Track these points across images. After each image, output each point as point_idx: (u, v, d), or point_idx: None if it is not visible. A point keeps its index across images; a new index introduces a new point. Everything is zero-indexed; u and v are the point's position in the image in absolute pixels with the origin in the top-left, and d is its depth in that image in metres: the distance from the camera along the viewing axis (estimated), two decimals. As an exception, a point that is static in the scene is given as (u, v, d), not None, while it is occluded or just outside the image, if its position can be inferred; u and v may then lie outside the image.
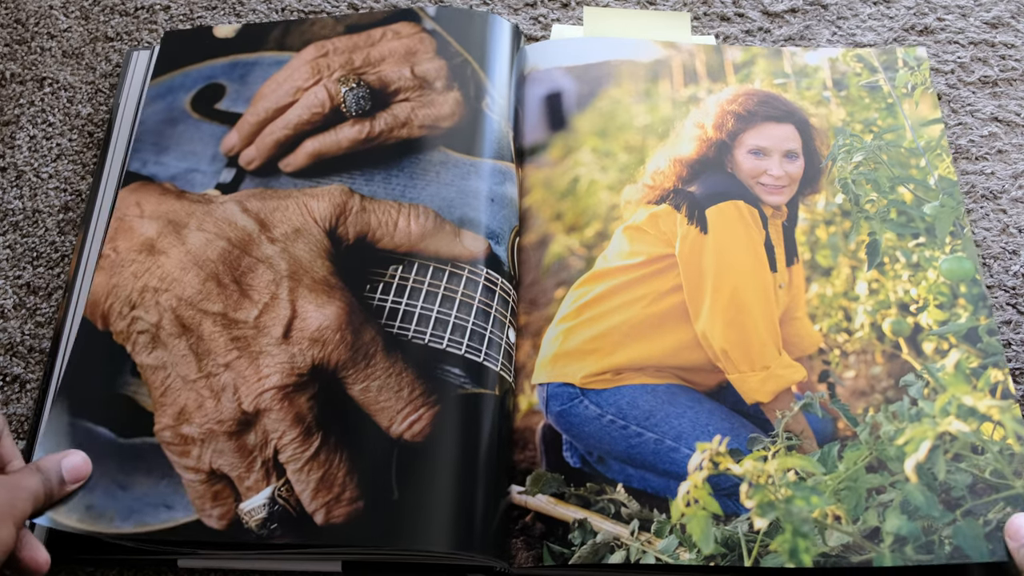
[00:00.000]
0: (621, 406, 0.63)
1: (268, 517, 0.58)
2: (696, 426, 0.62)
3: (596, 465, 0.62)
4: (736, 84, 0.76)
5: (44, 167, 0.76)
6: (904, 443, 0.60)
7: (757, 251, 0.66)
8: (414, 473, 0.58)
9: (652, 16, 0.84)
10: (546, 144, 0.74)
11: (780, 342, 0.65)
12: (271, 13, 0.83)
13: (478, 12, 0.77)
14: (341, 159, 0.71)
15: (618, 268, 0.67)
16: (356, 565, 0.60)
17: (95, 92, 0.79)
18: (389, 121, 0.71)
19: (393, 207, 0.67)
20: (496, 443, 0.61)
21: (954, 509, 0.58)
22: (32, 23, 0.83)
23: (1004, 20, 0.83)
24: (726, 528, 0.58)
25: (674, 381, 0.64)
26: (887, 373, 0.64)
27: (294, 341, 0.62)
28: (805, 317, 0.67)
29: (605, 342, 0.65)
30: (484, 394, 0.62)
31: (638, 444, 0.62)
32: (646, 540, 0.58)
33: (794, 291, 0.67)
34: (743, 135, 0.70)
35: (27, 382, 0.67)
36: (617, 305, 0.66)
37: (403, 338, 0.63)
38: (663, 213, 0.68)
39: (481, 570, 0.59)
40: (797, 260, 0.68)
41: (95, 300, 0.66)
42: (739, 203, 0.67)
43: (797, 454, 0.60)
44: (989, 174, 0.76)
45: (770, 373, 0.63)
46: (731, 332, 0.64)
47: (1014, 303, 0.70)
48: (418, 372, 0.62)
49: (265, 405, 0.60)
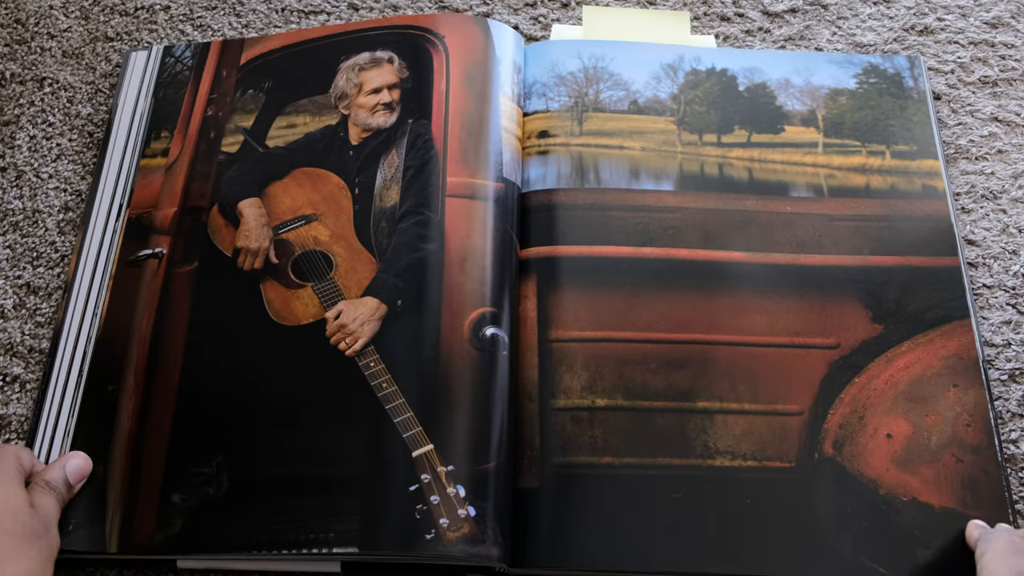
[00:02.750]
0: None
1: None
2: None
3: None
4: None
5: (44, 167, 0.75)
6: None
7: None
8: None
9: (652, 16, 0.84)
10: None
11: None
12: (271, 13, 0.83)
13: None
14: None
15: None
16: (356, 565, 0.60)
17: (95, 92, 0.79)
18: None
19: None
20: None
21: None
22: (32, 23, 0.82)
23: (1004, 20, 0.83)
24: None
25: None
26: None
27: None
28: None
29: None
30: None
31: None
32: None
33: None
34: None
35: (27, 382, 0.67)
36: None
37: None
38: None
39: (481, 570, 0.59)
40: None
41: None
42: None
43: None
44: (989, 174, 0.76)
45: None
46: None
47: (1014, 303, 0.70)
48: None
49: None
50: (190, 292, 0.68)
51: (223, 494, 0.61)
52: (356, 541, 0.58)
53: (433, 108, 0.73)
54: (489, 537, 0.58)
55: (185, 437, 0.63)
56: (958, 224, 0.72)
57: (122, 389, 0.65)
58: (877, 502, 0.61)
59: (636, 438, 0.63)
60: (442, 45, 0.75)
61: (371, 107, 0.74)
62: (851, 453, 0.62)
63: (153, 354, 0.66)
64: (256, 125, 0.75)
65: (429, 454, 0.60)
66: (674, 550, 0.59)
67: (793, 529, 0.60)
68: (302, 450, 0.62)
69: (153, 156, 0.74)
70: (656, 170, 0.73)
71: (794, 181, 0.73)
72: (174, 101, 0.77)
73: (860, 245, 0.70)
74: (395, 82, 0.75)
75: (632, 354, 0.66)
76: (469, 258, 0.67)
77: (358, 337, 0.64)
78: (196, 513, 0.60)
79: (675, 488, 0.61)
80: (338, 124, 0.74)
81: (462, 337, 0.64)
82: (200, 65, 0.78)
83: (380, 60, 0.76)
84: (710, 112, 0.76)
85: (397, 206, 0.69)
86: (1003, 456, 0.62)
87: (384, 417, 0.62)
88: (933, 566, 0.59)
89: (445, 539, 0.58)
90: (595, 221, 0.70)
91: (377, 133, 0.73)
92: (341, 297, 0.66)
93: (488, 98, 0.73)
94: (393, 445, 0.61)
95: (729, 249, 0.69)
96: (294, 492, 0.60)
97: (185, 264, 0.69)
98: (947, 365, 0.65)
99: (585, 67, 0.77)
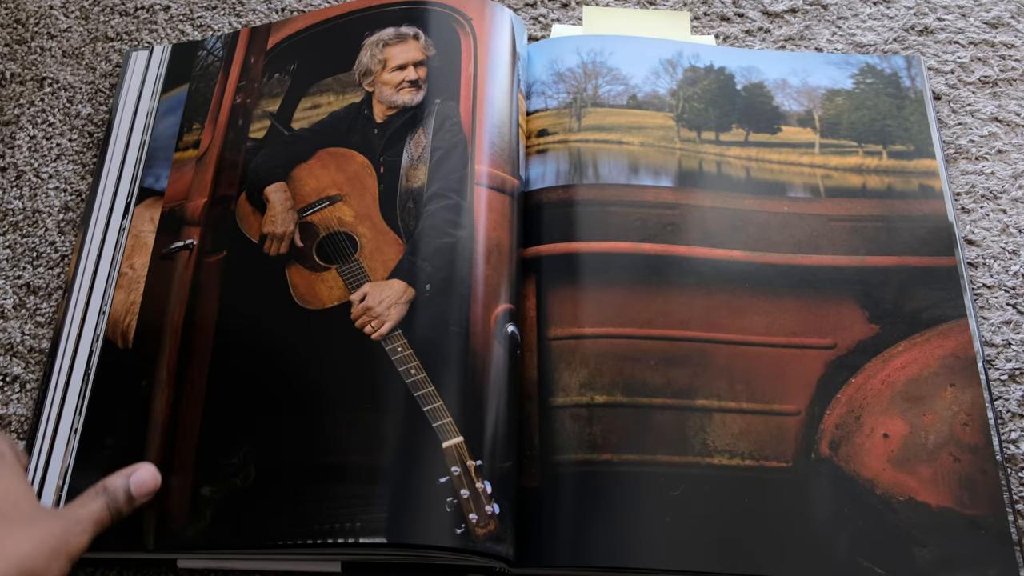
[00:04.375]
0: None
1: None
2: None
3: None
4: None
5: (44, 167, 0.76)
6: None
7: None
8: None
9: (652, 16, 0.84)
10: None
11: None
12: (271, 13, 0.83)
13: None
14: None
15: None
16: (356, 565, 0.60)
17: (95, 92, 0.80)
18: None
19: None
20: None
21: None
22: (32, 23, 0.83)
23: (1004, 20, 0.83)
24: None
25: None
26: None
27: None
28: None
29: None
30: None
31: None
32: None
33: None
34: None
35: (27, 382, 0.67)
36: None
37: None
38: None
39: (481, 570, 0.59)
40: None
41: (115, 319, 0.66)
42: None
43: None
44: (989, 174, 0.76)
45: None
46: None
47: (1014, 303, 0.70)
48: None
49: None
50: (219, 281, 0.67)
51: (250, 484, 0.59)
52: (384, 532, 0.56)
53: (461, 91, 0.71)
54: (508, 536, 0.57)
55: (213, 428, 0.62)
56: (958, 224, 0.72)
57: (155, 383, 0.64)
58: (873, 502, 0.61)
59: (635, 435, 0.63)
60: (470, 27, 0.74)
61: (396, 84, 0.72)
62: (847, 453, 0.62)
63: (184, 346, 0.65)
64: (282, 108, 0.74)
65: (459, 446, 0.58)
66: (672, 548, 0.59)
67: (790, 529, 0.60)
68: (328, 437, 0.60)
69: (185, 149, 0.74)
70: (655, 166, 0.73)
71: (791, 181, 0.73)
72: (205, 93, 0.76)
73: (857, 245, 0.70)
74: (421, 59, 0.73)
75: (631, 351, 0.66)
76: (496, 251, 0.66)
77: (384, 320, 0.63)
78: (225, 505, 0.59)
79: (674, 486, 0.61)
80: (362, 102, 0.73)
81: (489, 330, 0.63)
82: (229, 55, 0.78)
83: (405, 36, 0.74)
84: (708, 109, 0.76)
85: (424, 187, 0.67)
86: (1003, 456, 0.62)
87: (412, 404, 0.60)
88: (930, 566, 0.59)
89: (474, 535, 0.56)
90: (594, 217, 0.70)
91: (403, 111, 0.71)
92: (367, 279, 0.65)
93: (511, 91, 0.73)
94: (422, 434, 0.59)
95: (727, 248, 0.69)
96: (321, 480, 0.58)
97: (214, 254, 0.68)
98: (944, 364, 0.65)
99: (584, 62, 0.77)
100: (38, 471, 0.63)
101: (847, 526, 0.60)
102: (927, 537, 0.59)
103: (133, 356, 0.66)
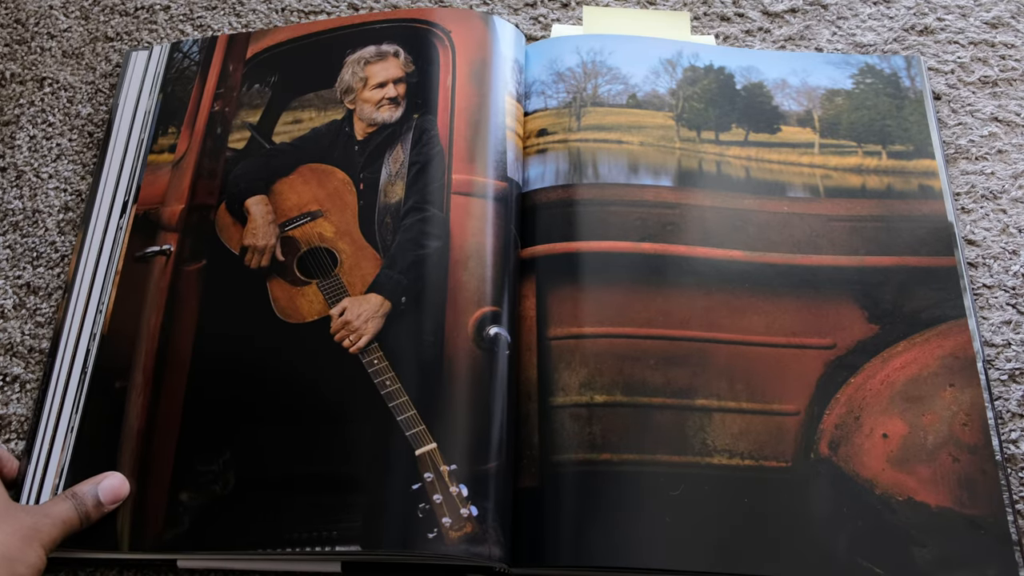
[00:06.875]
0: None
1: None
2: None
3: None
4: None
5: (44, 167, 0.76)
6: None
7: None
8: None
9: (652, 16, 0.84)
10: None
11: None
12: (271, 13, 0.83)
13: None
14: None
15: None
16: (356, 565, 0.60)
17: (95, 92, 0.80)
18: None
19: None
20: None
21: None
22: (32, 23, 0.83)
23: (1004, 20, 0.83)
24: None
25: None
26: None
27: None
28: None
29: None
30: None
31: None
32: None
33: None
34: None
35: (27, 382, 0.67)
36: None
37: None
38: None
39: (481, 570, 0.59)
40: None
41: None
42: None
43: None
44: (989, 174, 0.76)
45: None
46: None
47: (1014, 303, 0.70)
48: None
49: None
50: (199, 290, 0.68)
51: (229, 492, 0.61)
52: (358, 540, 0.58)
53: (439, 104, 0.73)
54: (491, 537, 0.58)
55: (193, 435, 0.63)
56: (958, 224, 0.72)
57: (130, 386, 0.65)
58: (873, 502, 0.61)
59: (635, 434, 0.63)
60: (448, 40, 0.75)
61: (376, 102, 0.74)
62: (847, 453, 0.62)
63: (162, 352, 0.66)
64: (262, 121, 0.75)
65: (432, 453, 0.60)
66: (672, 548, 0.59)
67: (789, 529, 0.60)
68: (306, 448, 0.62)
69: (160, 152, 0.74)
70: (655, 165, 0.73)
71: (791, 181, 0.73)
72: (181, 97, 0.77)
73: (856, 245, 0.70)
74: (401, 76, 0.74)
75: (631, 350, 0.66)
76: (473, 256, 0.67)
77: (362, 334, 0.64)
78: (203, 511, 0.60)
79: (674, 486, 0.61)
80: (344, 119, 0.74)
81: (466, 336, 0.64)
82: (207, 60, 0.78)
83: (386, 54, 0.75)
84: (708, 109, 0.76)
85: (402, 202, 0.69)
86: (1003, 456, 0.62)
87: (388, 415, 0.62)
88: (930, 566, 0.59)
89: (447, 538, 0.58)
90: (593, 216, 0.70)
91: (382, 128, 0.73)
92: (346, 294, 0.66)
93: (492, 95, 0.73)
94: (396, 443, 0.61)
95: (727, 248, 0.69)
96: (299, 490, 0.60)
97: (193, 262, 0.69)
98: (944, 365, 0.65)
99: (584, 62, 0.77)
100: (38, 471, 0.63)
101: (846, 526, 0.60)
102: (926, 537, 0.59)
103: (104, 356, 0.67)
